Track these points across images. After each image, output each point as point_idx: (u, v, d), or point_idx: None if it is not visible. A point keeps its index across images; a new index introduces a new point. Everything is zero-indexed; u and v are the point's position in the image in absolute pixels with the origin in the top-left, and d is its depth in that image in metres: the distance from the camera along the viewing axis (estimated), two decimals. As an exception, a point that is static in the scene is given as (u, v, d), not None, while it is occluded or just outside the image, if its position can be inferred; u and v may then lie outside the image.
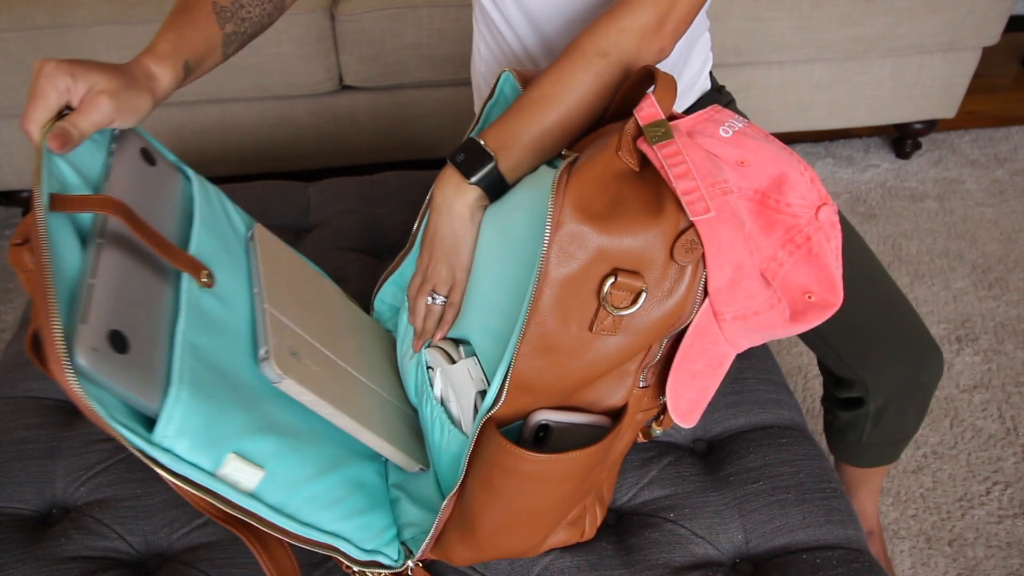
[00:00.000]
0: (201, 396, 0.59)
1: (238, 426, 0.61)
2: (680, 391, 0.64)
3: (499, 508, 0.67)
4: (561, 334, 0.61)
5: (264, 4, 0.80)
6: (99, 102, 0.63)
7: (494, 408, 0.64)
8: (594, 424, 0.67)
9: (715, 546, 0.81)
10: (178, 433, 0.57)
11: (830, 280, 0.60)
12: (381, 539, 0.74)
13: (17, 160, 1.75)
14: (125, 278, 0.59)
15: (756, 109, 1.93)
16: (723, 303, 0.59)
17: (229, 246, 0.75)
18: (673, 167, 0.56)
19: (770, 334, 0.62)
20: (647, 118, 0.59)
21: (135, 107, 0.66)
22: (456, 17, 1.67)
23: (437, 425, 0.75)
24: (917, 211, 1.97)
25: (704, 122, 0.62)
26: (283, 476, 0.65)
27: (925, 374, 0.97)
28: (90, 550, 0.79)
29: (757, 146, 0.60)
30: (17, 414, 0.91)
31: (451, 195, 0.69)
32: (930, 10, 1.79)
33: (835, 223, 0.59)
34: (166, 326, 0.61)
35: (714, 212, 0.56)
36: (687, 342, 0.61)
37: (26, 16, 1.56)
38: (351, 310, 0.89)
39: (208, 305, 0.67)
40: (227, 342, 0.66)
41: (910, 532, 1.33)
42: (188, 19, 0.73)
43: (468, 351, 0.72)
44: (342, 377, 0.75)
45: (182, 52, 0.71)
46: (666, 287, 0.59)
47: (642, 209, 0.58)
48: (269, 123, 1.79)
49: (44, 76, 0.61)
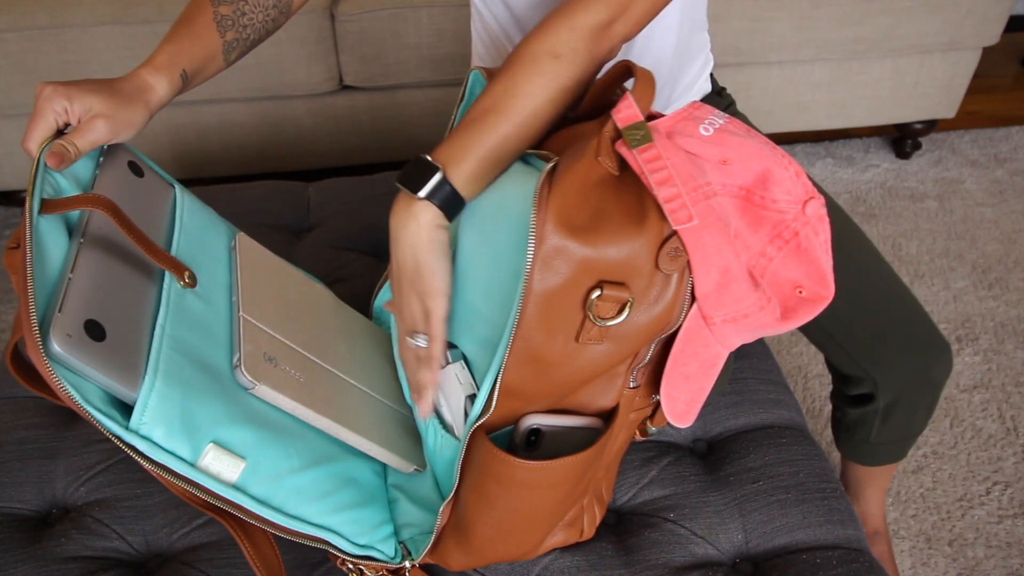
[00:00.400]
0: (176, 384, 0.61)
1: (216, 415, 0.63)
2: (674, 394, 0.64)
3: (494, 515, 0.67)
4: (547, 346, 0.60)
5: (268, 10, 0.81)
6: (95, 124, 0.67)
7: (483, 418, 0.64)
8: (586, 426, 0.66)
9: (715, 546, 0.81)
10: (154, 420, 0.59)
11: (820, 274, 0.59)
12: (375, 535, 0.74)
13: (17, 160, 1.75)
14: (105, 273, 0.63)
15: (756, 109, 1.93)
16: (711, 307, 0.59)
17: (216, 256, 0.77)
18: (654, 173, 0.55)
19: (762, 332, 0.61)
20: (625, 120, 0.57)
21: (130, 122, 0.70)
22: (456, 17, 1.67)
23: (431, 430, 0.75)
24: (917, 211, 1.97)
25: (684, 120, 0.60)
26: (266, 467, 0.66)
27: (935, 370, 0.97)
28: (90, 550, 0.79)
29: (739, 143, 0.59)
30: (17, 414, 0.91)
31: (404, 218, 0.64)
32: (930, 10, 1.79)
33: (823, 216, 0.59)
34: (147, 319, 0.64)
35: (697, 220, 0.54)
36: (678, 347, 0.61)
37: (26, 16, 1.56)
38: (343, 313, 0.89)
39: (191, 304, 0.69)
40: (209, 339, 0.68)
41: (910, 532, 1.33)
42: (188, 30, 0.76)
43: (455, 355, 0.72)
44: (326, 380, 0.75)
45: (179, 62, 0.74)
46: (652, 295, 0.58)
47: (625, 219, 0.57)
48: (269, 123, 1.79)
49: (43, 99, 0.66)
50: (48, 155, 0.64)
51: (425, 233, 0.64)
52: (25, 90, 1.63)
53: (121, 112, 0.69)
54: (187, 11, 0.78)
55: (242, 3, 0.79)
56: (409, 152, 1.87)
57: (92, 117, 0.67)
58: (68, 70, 1.61)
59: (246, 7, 0.79)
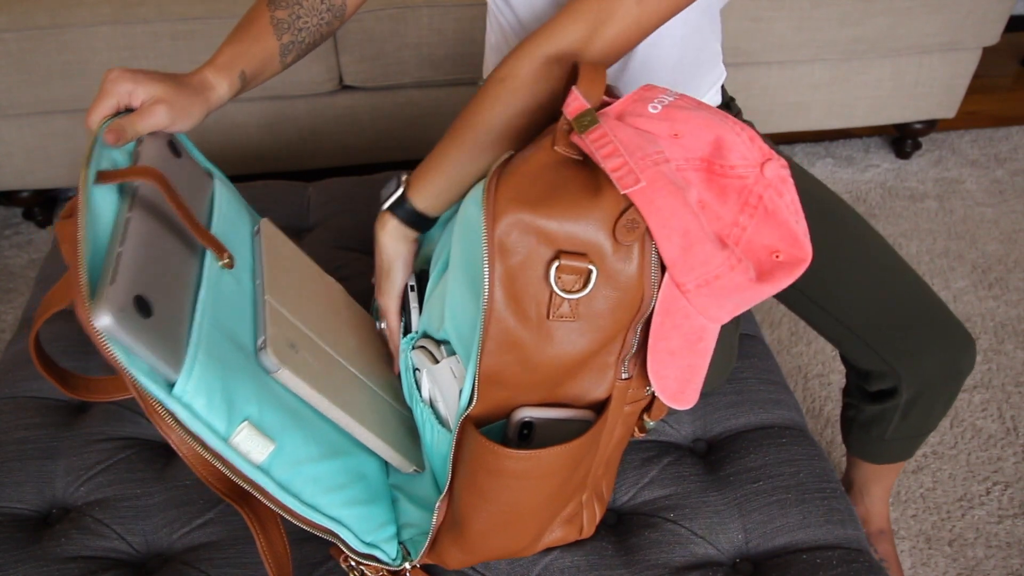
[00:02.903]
0: (217, 359, 0.62)
1: (249, 394, 0.64)
2: (662, 372, 0.63)
3: (487, 508, 0.67)
4: (520, 327, 0.61)
5: (322, 14, 0.84)
6: (156, 110, 0.70)
7: (469, 407, 0.64)
8: (579, 419, 0.66)
9: (715, 546, 0.81)
10: (196, 390, 0.59)
11: (792, 236, 0.59)
12: (380, 534, 0.74)
13: (17, 160, 1.75)
14: (151, 248, 0.63)
15: (756, 109, 1.93)
16: (681, 273, 0.59)
17: (242, 239, 0.79)
18: (600, 148, 0.56)
19: (742, 298, 0.61)
20: (574, 111, 0.59)
21: (189, 114, 0.73)
22: (456, 17, 1.67)
23: (427, 426, 0.75)
24: (917, 211, 1.97)
25: (633, 102, 0.62)
26: (290, 452, 0.66)
27: (961, 361, 0.97)
28: (90, 550, 0.79)
29: (687, 116, 0.60)
30: (17, 414, 0.91)
31: (378, 224, 0.76)
32: (930, 10, 1.79)
33: (784, 177, 0.59)
34: (188, 297, 0.65)
35: (645, 182, 0.55)
36: (657, 320, 0.61)
37: (26, 16, 1.56)
38: (353, 309, 0.89)
39: (226, 286, 0.70)
40: (239, 321, 0.69)
41: (910, 532, 1.33)
42: (247, 33, 0.80)
43: (450, 350, 0.72)
44: (340, 373, 0.75)
45: (238, 63, 0.78)
46: (616, 269, 0.59)
47: (580, 192, 0.58)
48: (269, 123, 1.79)
49: (110, 81, 0.70)
50: (107, 131, 0.66)
51: (388, 240, 0.76)
52: (25, 90, 1.63)
53: (182, 103, 0.72)
54: (247, 15, 0.82)
55: (297, 7, 0.82)
56: (409, 152, 1.87)
57: (154, 102, 0.70)
58: (68, 70, 1.61)
59: (301, 11, 0.83)
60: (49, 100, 1.65)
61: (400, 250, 0.77)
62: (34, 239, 1.88)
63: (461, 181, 0.71)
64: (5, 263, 1.81)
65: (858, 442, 1.11)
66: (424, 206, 0.73)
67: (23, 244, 1.86)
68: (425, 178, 0.72)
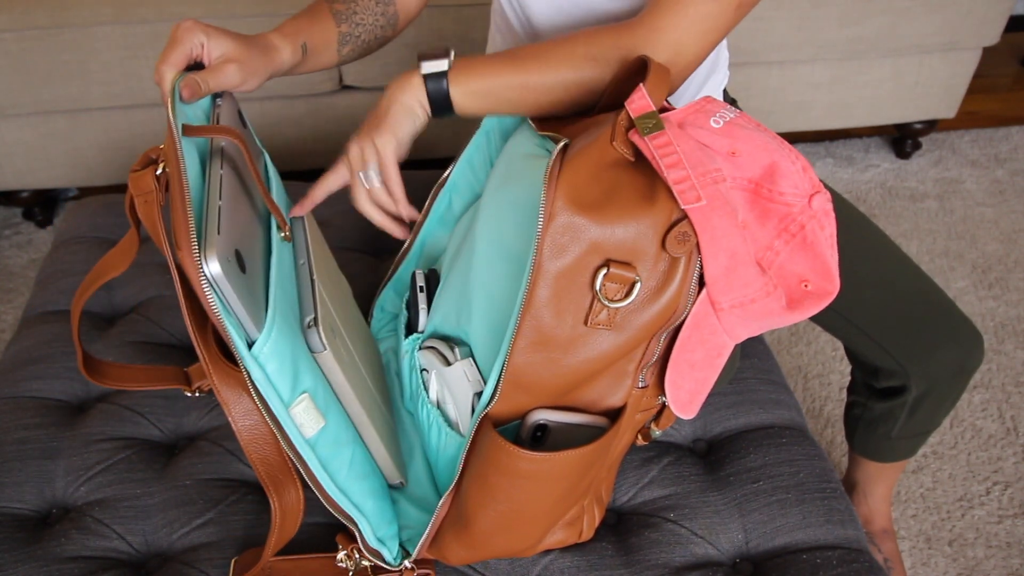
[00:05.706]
0: (288, 327, 0.63)
1: (307, 368, 0.64)
2: (679, 382, 0.64)
3: (495, 507, 0.67)
4: (556, 328, 0.61)
5: (376, 15, 0.86)
6: (228, 68, 0.70)
7: (490, 404, 0.64)
8: (592, 424, 0.66)
9: (715, 546, 0.81)
10: (271, 353, 0.60)
11: (825, 268, 0.60)
12: (388, 530, 0.75)
13: (17, 160, 1.75)
14: (239, 206, 0.65)
15: (756, 109, 1.93)
16: (720, 292, 0.59)
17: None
18: (664, 157, 0.57)
19: (769, 323, 0.62)
20: (638, 110, 0.59)
21: (257, 73, 0.73)
22: (456, 17, 1.67)
23: (434, 428, 0.74)
24: (917, 211, 1.97)
25: (695, 113, 0.62)
26: (333, 432, 0.67)
27: (970, 358, 0.97)
28: (90, 550, 0.79)
29: (748, 136, 0.60)
30: (17, 414, 0.91)
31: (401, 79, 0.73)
32: (930, 10, 1.79)
33: (828, 211, 0.59)
34: (263, 261, 0.66)
35: (705, 200, 0.55)
36: (685, 332, 0.61)
37: (26, 16, 1.56)
38: (358, 312, 0.90)
39: (283, 257, 0.71)
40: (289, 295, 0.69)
41: (910, 532, 1.33)
42: (308, 14, 0.82)
43: (464, 352, 0.72)
44: (355, 370, 0.75)
45: (302, 35, 0.79)
46: (658, 279, 0.59)
47: (635, 198, 0.58)
48: (269, 123, 1.79)
49: (183, 29, 0.70)
50: (183, 86, 0.66)
51: (405, 98, 0.73)
52: (25, 90, 1.63)
53: (252, 62, 0.72)
54: (308, 6, 0.83)
55: (352, 3, 0.84)
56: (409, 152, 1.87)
57: (225, 61, 0.70)
58: (68, 70, 1.61)
59: (356, 7, 0.85)
60: (49, 100, 1.65)
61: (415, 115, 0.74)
62: (34, 239, 1.88)
63: (502, 101, 0.72)
64: (5, 263, 1.81)
65: (863, 440, 1.11)
66: (458, 95, 0.72)
67: (23, 244, 1.86)
68: (472, 72, 0.72)
